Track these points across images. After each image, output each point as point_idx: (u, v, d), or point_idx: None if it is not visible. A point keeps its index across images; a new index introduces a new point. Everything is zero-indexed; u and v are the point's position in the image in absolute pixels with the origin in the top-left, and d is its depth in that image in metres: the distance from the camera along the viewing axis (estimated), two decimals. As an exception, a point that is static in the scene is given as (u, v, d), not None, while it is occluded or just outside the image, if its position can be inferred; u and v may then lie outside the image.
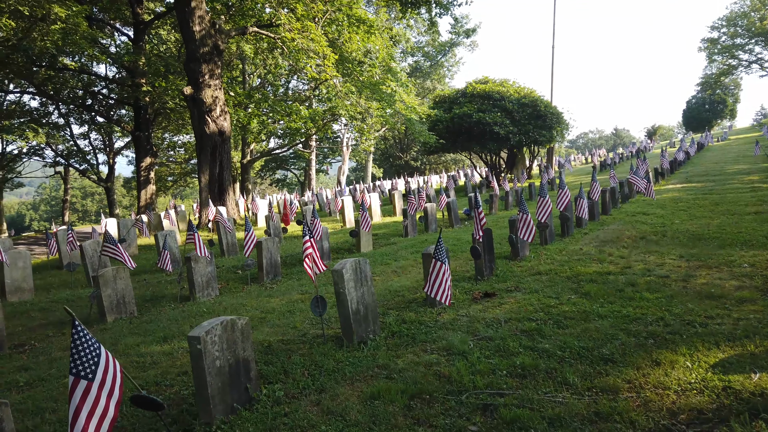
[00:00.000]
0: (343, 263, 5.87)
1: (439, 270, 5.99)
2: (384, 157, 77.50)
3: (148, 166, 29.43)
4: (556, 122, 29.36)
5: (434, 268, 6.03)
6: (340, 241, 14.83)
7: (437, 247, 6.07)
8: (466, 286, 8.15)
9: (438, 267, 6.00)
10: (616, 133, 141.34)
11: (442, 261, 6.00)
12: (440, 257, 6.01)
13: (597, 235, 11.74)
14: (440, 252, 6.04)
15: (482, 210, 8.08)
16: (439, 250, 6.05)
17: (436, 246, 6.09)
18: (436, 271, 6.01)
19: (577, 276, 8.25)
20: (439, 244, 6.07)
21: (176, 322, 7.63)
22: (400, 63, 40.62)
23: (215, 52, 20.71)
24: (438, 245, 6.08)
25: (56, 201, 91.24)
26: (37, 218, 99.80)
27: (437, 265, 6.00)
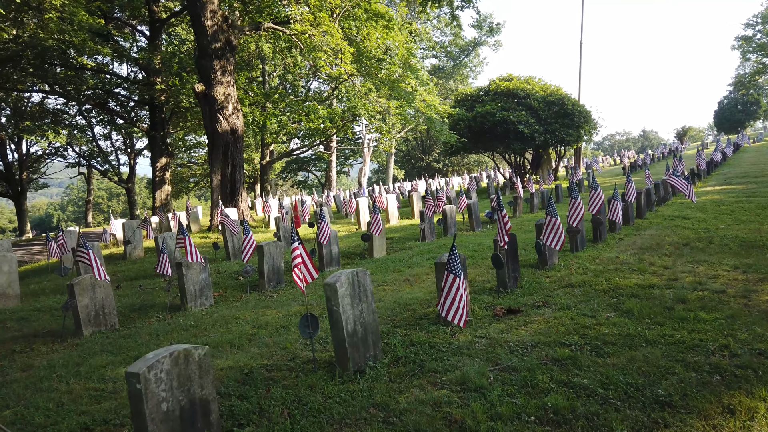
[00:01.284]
0: (338, 275, 4.91)
1: (452, 284, 4.99)
2: (406, 158, 76.54)
3: (163, 166, 28.94)
4: (584, 121, 27.99)
5: (446, 281, 5.03)
6: (353, 245, 13.90)
7: (451, 257, 5.08)
8: (486, 300, 7.12)
9: (451, 281, 5.00)
10: (644, 134, 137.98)
11: (456, 274, 5.00)
12: (454, 269, 5.01)
13: (634, 241, 10.59)
14: (454, 262, 5.04)
15: (506, 213, 7.05)
16: (453, 260, 5.05)
17: (450, 255, 5.09)
18: (448, 285, 5.01)
19: (616, 289, 7.15)
20: (453, 253, 5.07)
21: (156, 337, 6.76)
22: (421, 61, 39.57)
23: (228, 48, 19.99)
24: (452, 254, 5.08)
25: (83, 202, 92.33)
26: (64, 218, 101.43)
27: (450, 278, 5.00)
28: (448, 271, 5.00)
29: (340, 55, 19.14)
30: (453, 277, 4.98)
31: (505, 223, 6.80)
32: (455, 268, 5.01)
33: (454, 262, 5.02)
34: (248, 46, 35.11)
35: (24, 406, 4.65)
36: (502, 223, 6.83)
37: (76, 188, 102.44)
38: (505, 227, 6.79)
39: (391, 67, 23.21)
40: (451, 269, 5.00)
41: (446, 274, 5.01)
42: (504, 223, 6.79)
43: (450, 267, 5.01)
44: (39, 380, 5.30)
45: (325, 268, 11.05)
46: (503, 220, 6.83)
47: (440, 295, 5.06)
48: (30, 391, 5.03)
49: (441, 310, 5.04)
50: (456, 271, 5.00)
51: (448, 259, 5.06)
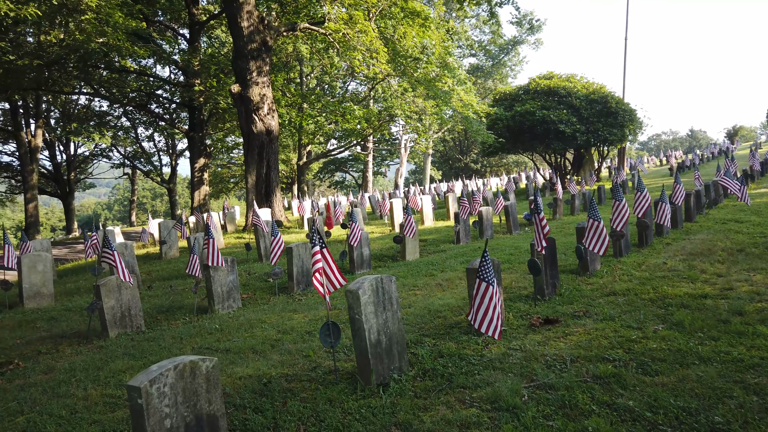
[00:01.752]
0: (361, 281, 4.61)
1: (485, 293, 4.62)
2: (443, 159, 75.90)
3: (201, 167, 29.30)
4: (628, 120, 26.95)
5: (479, 290, 4.67)
6: (385, 247, 13.61)
7: (483, 263, 4.71)
8: (522, 308, 6.71)
9: (484, 290, 4.63)
10: (692, 134, 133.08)
11: (489, 281, 4.63)
12: (486, 276, 4.65)
13: (683, 246, 9.94)
14: (486, 269, 4.67)
15: (544, 216, 6.62)
16: (486, 267, 4.68)
17: (482, 260, 4.72)
18: (481, 294, 4.65)
19: (664, 299, 6.63)
20: (484, 259, 4.70)
21: (180, 340, 6.61)
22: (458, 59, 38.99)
23: (263, 49, 20.01)
24: (484, 260, 4.71)
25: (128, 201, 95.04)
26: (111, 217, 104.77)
27: (482, 287, 4.64)
28: (480, 279, 4.64)
29: (375, 54, 18.88)
30: (486, 285, 4.62)
31: (543, 227, 6.37)
32: (488, 275, 4.64)
33: (486, 268, 4.65)
34: (286, 47, 35.31)
35: (38, 412, 4.52)
36: (539, 226, 6.41)
37: (122, 188, 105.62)
38: (543, 231, 6.37)
39: (428, 67, 22.85)
40: (483, 277, 4.64)
41: (478, 282, 4.65)
42: (542, 226, 6.37)
43: (482, 274, 4.65)
44: (58, 384, 5.19)
45: (356, 271, 10.79)
46: (541, 223, 6.40)
47: (472, 305, 4.71)
48: (47, 396, 4.92)
49: (473, 321, 4.69)
50: (489, 279, 4.63)
51: (480, 265, 4.70)
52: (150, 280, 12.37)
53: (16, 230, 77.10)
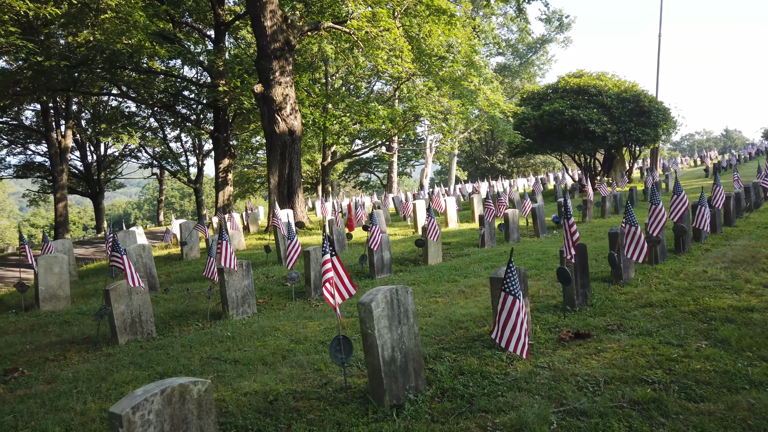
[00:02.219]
0: (374, 293, 4.26)
1: (511, 308, 4.22)
2: (469, 159, 75.13)
3: (226, 167, 29.35)
4: (661, 119, 26.01)
5: (504, 304, 4.26)
6: (407, 250, 13.22)
7: (508, 274, 4.30)
8: (550, 320, 6.26)
9: (510, 304, 4.23)
10: (727, 134, 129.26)
11: (515, 294, 4.22)
12: (512, 289, 4.24)
13: (723, 253, 9.33)
14: (512, 281, 4.26)
15: (574, 221, 6.16)
16: (511, 278, 4.27)
17: (507, 271, 4.31)
18: (507, 308, 4.24)
19: (706, 311, 6.11)
20: (510, 270, 4.29)
21: (189, 349, 6.35)
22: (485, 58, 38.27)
23: (287, 48, 19.81)
24: (509, 270, 4.30)
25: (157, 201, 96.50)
26: (141, 216, 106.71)
27: (508, 300, 4.23)
28: (506, 292, 4.24)
29: (398, 52, 18.52)
30: (512, 299, 4.21)
31: (573, 233, 5.92)
32: (513, 287, 4.23)
33: (512, 280, 4.25)
34: (311, 47, 35.20)
35: (32, 428, 4.27)
36: (569, 232, 5.96)
37: (151, 188, 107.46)
38: (572, 237, 5.92)
39: (454, 65, 22.38)
40: (508, 289, 4.23)
41: (503, 296, 4.25)
42: (571, 232, 5.91)
43: (508, 286, 4.24)
44: (58, 396, 4.95)
45: (376, 276, 10.44)
46: (570, 229, 5.95)
47: (496, 320, 4.30)
48: (45, 409, 4.68)
49: (498, 339, 4.28)
50: (515, 292, 4.23)
51: (505, 276, 4.29)
52: (168, 282, 12.22)
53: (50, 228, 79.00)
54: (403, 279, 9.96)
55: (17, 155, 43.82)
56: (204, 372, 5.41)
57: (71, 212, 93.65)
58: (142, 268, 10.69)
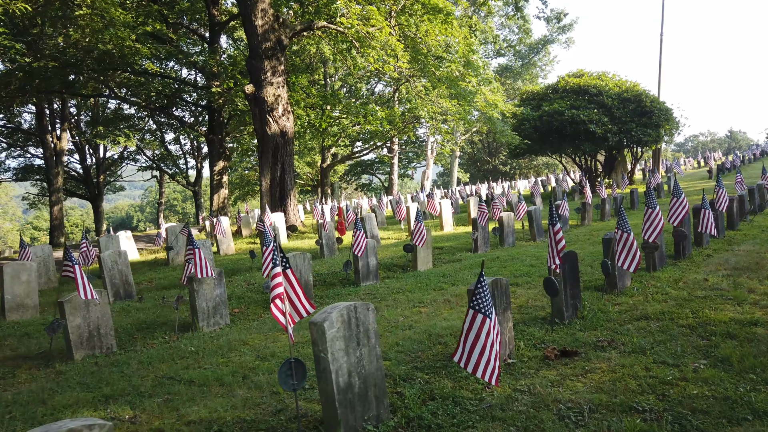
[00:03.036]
0: (328, 311, 3.79)
1: (480, 328, 3.73)
2: (471, 161, 74.64)
3: (221, 170, 28.92)
4: (664, 119, 25.46)
5: (472, 323, 3.78)
6: (397, 255, 12.73)
7: (478, 289, 3.82)
8: (536, 334, 5.77)
9: (479, 323, 3.74)
10: (731, 135, 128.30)
11: (486, 313, 3.74)
12: (482, 307, 3.76)
13: (726, 259, 8.82)
14: (482, 297, 3.78)
15: (560, 228, 5.67)
16: (481, 294, 3.79)
17: (477, 286, 3.83)
18: (475, 329, 3.76)
19: (705, 325, 5.62)
20: (480, 285, 3.81)
21: (148, 365, 5.89)
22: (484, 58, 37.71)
23: (278, 48, 19.39)
24: (479, 284, 3.82)
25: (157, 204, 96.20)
26: (143, 219, 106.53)
27: (477, 319, 3.75)
28: (475, 310, 3.76)
29: (390, 50, 18.07)
30: (482, 318, 3.73)
31: (558, 241, 5.43)
32: (483, 304, 3.75)
33: (482, 296, 3.76)
34: (309, 48, 34.82)
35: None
36: (554, 240, 5.47)
37: (154, 191, 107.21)
38: (557, 246, 5.43)
39: (452, 65, 21.91)
40: (478, 306, 3.75)
41: (472, 314, 3.77)
42: (556, 240, 5.43)
43: (477, 303, 3.76)
44: (-13, 423, 4.50)
45: (362, 283, 9.97)
46: (556, 236, 5.47)
47: (461, 341, 3.81)
48: (-34, 439, 4.23)
49: (461, 361, 3.79)
50: (485, 309, 3.74)
51: (474, 290, 3.81)
52: (149, 289, 11.78)
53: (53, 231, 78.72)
54: (388, 286, 9.49)
55: (16, 158, 43.67)
56: (154, 394, 4.95)
57: (74, 215, 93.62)
58: (118, 276, 10.25)
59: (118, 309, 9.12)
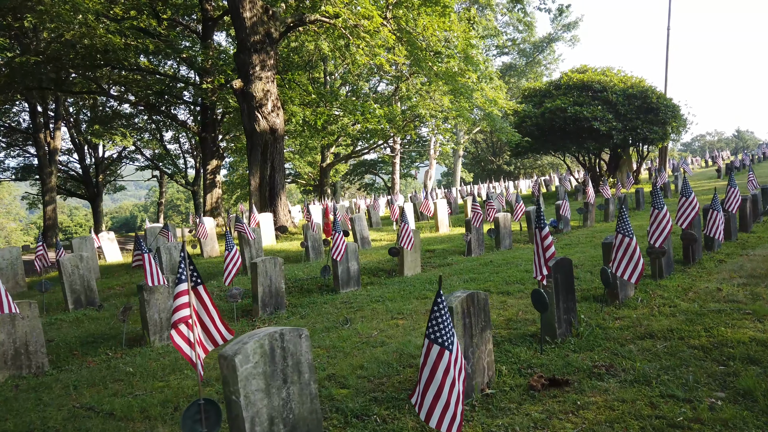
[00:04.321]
0: (244, 340, 2.99)
1: (436, 363, 2.92)
2: (475, 161, 73.71)
3: (214, 168, 28.19)
4: (671, 116, 24.47)
5: (427, 356, 2.97)
6: (384, 258, 11.89)
7: (434, 312, 3.01)
8: (522, 356, 4.95)
9: (436, 356, 2.93)
10: (739, 134, 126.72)
11: (444, 344, 2.93)
12: (440, 336, 2.95)
13: (740, 265, 7.96)
14: (440, 323, 2.97)
15: (548, 233, 4.85)
16: (439, 319, 2.98)
17: (433, 311, 3.02)
18: (430, 364, 2.95)
19: (722, 346, 4.79)
20: (439, 307, 3.00)
21: (74, 389, 5.11)
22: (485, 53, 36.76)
23: (267, 41, 18.60)
24: (437, 307, 3.01)
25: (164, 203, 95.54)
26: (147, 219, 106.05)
27: (433, 351, 2.94)
28: (431, 340, 2.94)
29: (380, 42, 17.28)
30: (438, 349, 2.92)
31: (546, 248, 4.61)
32: (441, 332, 2.94)
33: (439, 320, 2.95)
34: (308, 45, 34.07)
35: None
36: (541, 246, 4.64)
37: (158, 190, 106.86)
38: (545, 253, 4.60)
39: (450, 61, 21.08)
40: (434, 336, 2.94)
41: (427, 345, 2.95)
42: (544, 247, 4.60)
43: (433, 331, 2.94)
44: None
45: (341, 290, 9.16)
46: (543, 242, 4.64)
47: (419, 378, 3.00)
48: None
49: (417, 407, 2.98)
50: (443, 339, 2.93)
51: (430, 316, 3.00)
52: (119, 294, 11.03)
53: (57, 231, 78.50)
54: (369, 294, 8.68)
55: (15, 157, 43.18)
56: (64, 430, 4.16)
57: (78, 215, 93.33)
58: (79, 281, 9.49)
59: (71, 319, 8.36)
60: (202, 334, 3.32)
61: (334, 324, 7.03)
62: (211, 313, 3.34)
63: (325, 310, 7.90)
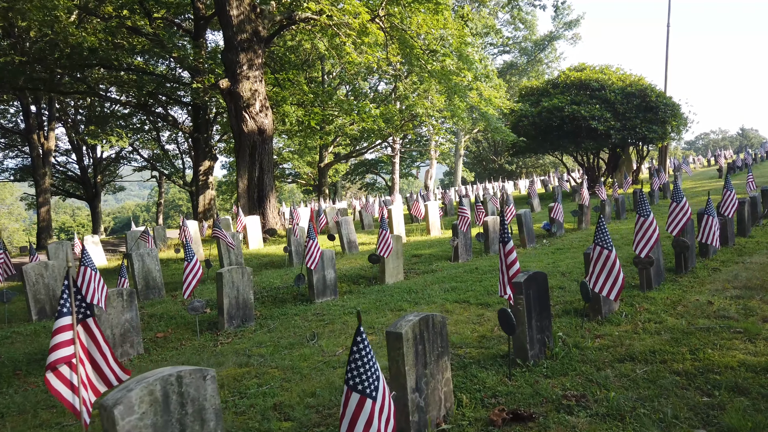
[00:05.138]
0: (130, 386, 2.55)
1: (356, 416, 2.48)
2: (477, 160, 73.19)
3: (206, 169, 27.81)
4: (670, 115, 23.95)
5: (346, 406, 2.53)
6: (367, 264, 11.45)
7: (353, 354, 2.57)
8: (488, 382, 4.51)
9: (355, 406, 2.49)
10: (743, 133, 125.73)
11: (367, 393, 2.49)
12: (360, 381, 2.51)
13: (735, 274, 7.49)
14: (360, 366, 2.53)
15: (513, 248, 4.41)
16: (359, 361, 2.54)
17: (352, 351, 2.57)
18: (349, 415, 2.51)
19: (707, 372, 4.34)
20: (358, 345, 2.55)
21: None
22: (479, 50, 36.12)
23: (255, 39, 18.17)
24: (356, 347, 2.56)
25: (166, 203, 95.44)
26: (149, 219, 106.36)
27: (352, 401, 2.50)
28: (349, 387, 2.50)
29: (365, 38, 16.84)
30: (358, 398, 2.47)
31: (510, 264, 4.16)
32: (362, 377, 2.50)
33: (360, 362, 2.51)
34: (304, 44, 33.69)
35: None
36: (504, 263, 4.20)
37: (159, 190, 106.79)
38: (508, 271, 4.15)
39: (446, 59, 20.61)
40: (353, 380, 2.50)
41: (346, 392, 2.52)
42: (507, 264, 4.15)
43: (352, 375, 2.50)
44: None
45: (316, 299, 8.73)
46: (507, 258, 4.19)
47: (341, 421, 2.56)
48: None
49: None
50: (364, 385, 2.49)
51: (350, 360, 2.56)
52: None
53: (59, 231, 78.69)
54: (344, 304, 8.25)
55: (13, 158, 42.96)
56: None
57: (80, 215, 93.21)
58: (43, 290, 9.09)
59: (29, 332, 7.94)
60: (93, 374, 2.88)
61: (300, 339, 6.61)
62: (102, 349, 2.91)
63: (295, 323, 7.47)
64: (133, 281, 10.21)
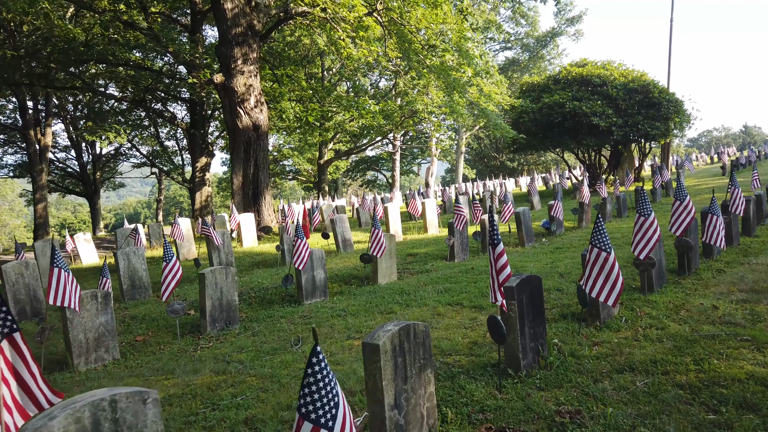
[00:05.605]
0: (54, 413, 2.23)
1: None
2: (478, 157, 72.76)
3: (203, 166, 27.49)
4: (673, 112, 23.52)
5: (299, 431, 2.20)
6: (360, 264, 11.13)
7: (307, 378, 2.24)
8: (476, 396, 4.19)
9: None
10: (746, 130, 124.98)
11: (322, 424, 2.17)
12: (313, 410, 2.18)
13: (741, 276, 7.15)
14: (319, 393, 2.20)
15: (503, 251, 4.08)
16: (315, 387, 2.21)
17: (307, 374, 2.25)
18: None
19: (713, 385, 4.01)
20: (313, 368, 2.23)
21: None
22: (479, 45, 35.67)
23: (250, 33, 17.84)
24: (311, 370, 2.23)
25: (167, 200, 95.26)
26: (150, 215, 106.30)
27: (304, 429, 2.17)
28: (301, 415, 2.18)
29: (362, 33, 16.48)
30: (311, 428, 2.15)
31: (500, 269, 3.83)
32: (317, 407, 2.17)
33: (317, 390, 2.18)
34: (303, 39, 33.37)
35: None
36: (494, 267, 3.87)
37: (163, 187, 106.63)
38: (498, 276, 3.83)
39: (445, 54, 20.24)
40: (306, 410, 2.17)
41: (298, 421, 2.19)
42: (497, 268, 3.82)
43: (305, 404, 2.18)
44: None
45: (305, 300, 8.41)
46: (497, 262, 3.87)
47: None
48: None
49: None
50: (319, 416, 2.17)
51: (303, 384, 2.23)
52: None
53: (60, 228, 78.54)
54: (334, 306, 7.93)
55: (12, 154, 42.73)
56: None
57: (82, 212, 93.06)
58: (23, 291, 8.79)
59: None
60: (21, 396, 2.57)
61: (284, 344, 6.30)
62: (31, 368, 2.59)
63: (280, 326, 7.16)
64: (119, 281, 9.91)
